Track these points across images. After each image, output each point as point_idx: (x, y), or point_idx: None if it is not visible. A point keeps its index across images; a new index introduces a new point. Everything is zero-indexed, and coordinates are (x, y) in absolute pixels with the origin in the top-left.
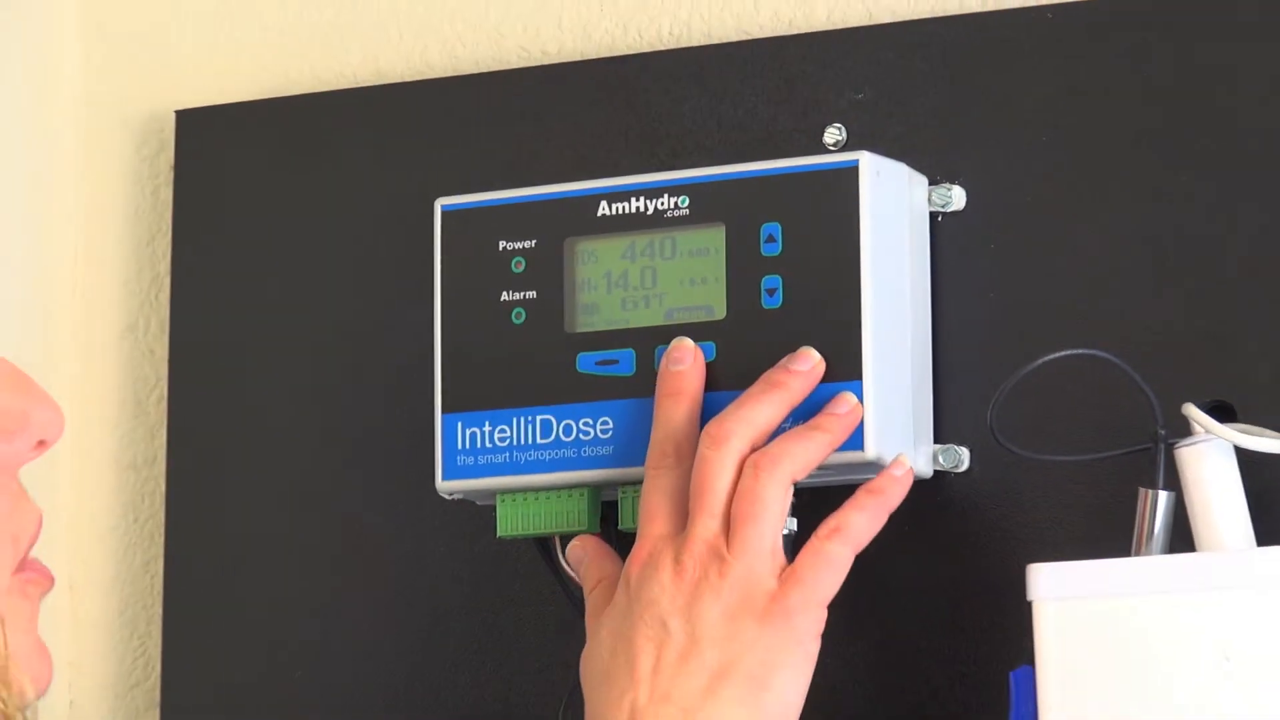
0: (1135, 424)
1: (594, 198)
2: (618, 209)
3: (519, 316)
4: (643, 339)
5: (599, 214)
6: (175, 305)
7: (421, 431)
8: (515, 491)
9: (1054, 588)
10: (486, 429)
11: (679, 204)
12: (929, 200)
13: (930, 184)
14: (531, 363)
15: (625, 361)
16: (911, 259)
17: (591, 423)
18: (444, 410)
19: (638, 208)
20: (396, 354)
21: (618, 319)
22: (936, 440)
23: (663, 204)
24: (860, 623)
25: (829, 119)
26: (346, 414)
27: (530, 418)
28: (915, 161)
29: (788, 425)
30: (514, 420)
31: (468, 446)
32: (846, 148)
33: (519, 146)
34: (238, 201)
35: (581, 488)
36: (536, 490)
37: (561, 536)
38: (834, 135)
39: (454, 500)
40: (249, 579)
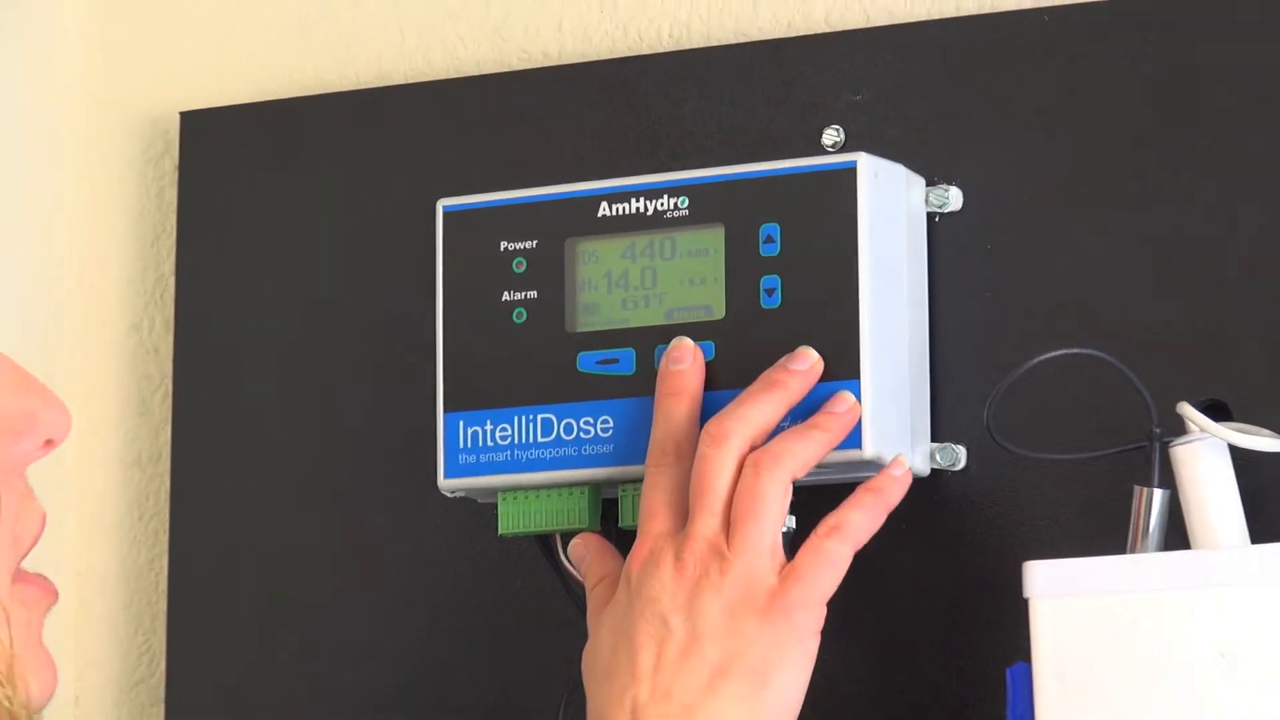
0: (1131, 423)
1: (594, 198)
2: (618, 209)
3: (520, 316)
4: (643, 338)
5: (599, 214)
6: (179, 304)
7: (423, 430)
8: (516, 489)
9: (1050, 585)
10: (488, 428)
11: (679, 205)
12: (926, 201)
13: (928, 185)
14: (532, 362)
15: (625, 361)
16: (909, 259)
17: (592, 421)
18: (446, 409)
19: (638, 208)
20: (398, 353)
21: (618, 319)
22: (934, 439)
23: (662, 205)
24: (858, 620)
25: (827, 120)
26: (349, 412)
27: (531, 416)
28: (913, 162)
29: (786, 424)
30: (515, 419)
31: (469, 445)
32: (844, 149)
33: (520, 148)
34: (241, 202)
35: (582, 486)
36: (537, 488)
37: (562, 534)
38: (832, 136)
39: (456, 498)
40: (252, 576)
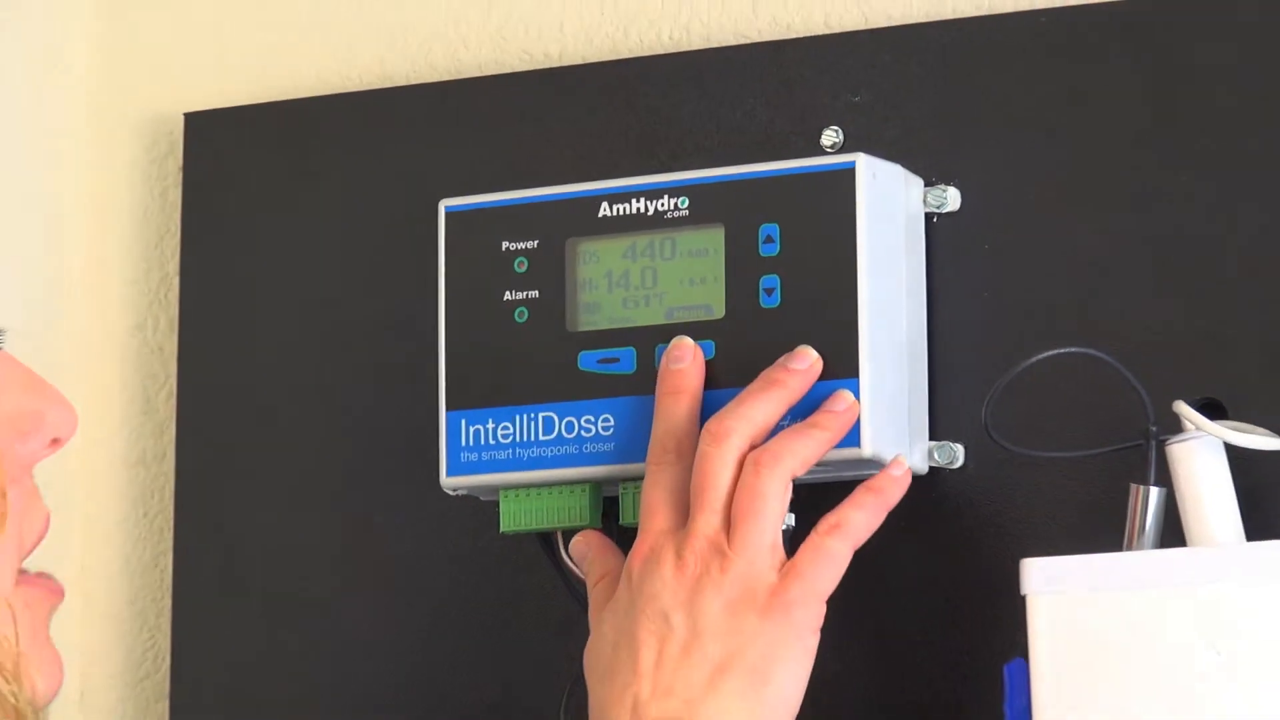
0: (1127, 421)
1: (595, 199)
2: (619, 210)
3: (522, 315)
4: (643, 338)
5: (600, 215)
6: (184, 304)
7: (426, 428)
8: (518, 487)
9: (1047, 582)
10: (490, 426)
11: (679, 205)
12: (924, 201)
13: (926, 185)
14: (534, 361)
15: (626, 360)
16: (907, 259)
17: (593, 420)
18: (448, 407)
19: (638, 209)
20: (401, 352)
21: (619, 318)
22: (932, 437)
23: (663, 205)
24: (857, 617)
25: (826, 121)
26: (352, 411)
27: (533, 415)
28: (911, 163)
29: (786, 423)
30: (517, 417)
31: (471, 443)
32: (843, 150)
33: (521, 148)
34: (245, 202)
35: (583, 483)
36: (539, 486)
37: (564, 532)
38: (831, 137)
39: (458, 496)
40: (256, 573)
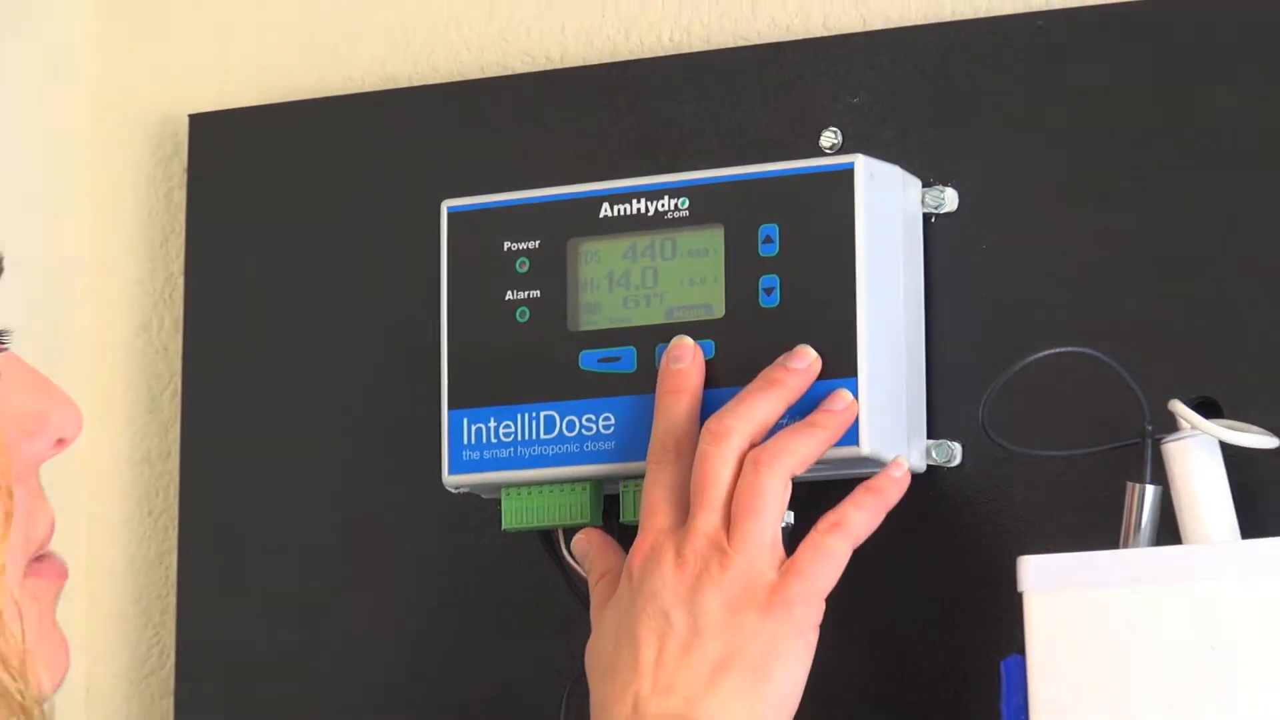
0: (1123, 420)
1: (596, 199)
2: (619, 210)
3: (523, 315)
4: (644, 337)
5: (601, 215)
6: (188, 304)
7: (428, 427)
8: (520, 485)
9: (1044, 579)
10: (492, 425)
11: (679, 205)
12: (922, 202)
13: (923, 186)
14: (535, 360)
15: (627, 359)
16: (905, 259)
17: (594, 418)
18: (450, 406)
19: (639, 209)
20: (404, 351)
21: (619, 317)
22: (929, 435)
23: (663, 205)
24: (856, 614)
25: (825, 123)
26: (355, 410)
27: (534, 413)
28: (909, 164)
29: (785, 421)
30: (518, 416)
31: (473, 442)
32: (842, 151)
33: (523, 149)
34: (249, 203)
35: (584, 481)
36: (540, 484)
37: (565, 529)
38: (830, 139)
39: (460, 494)
40: (260, 570)
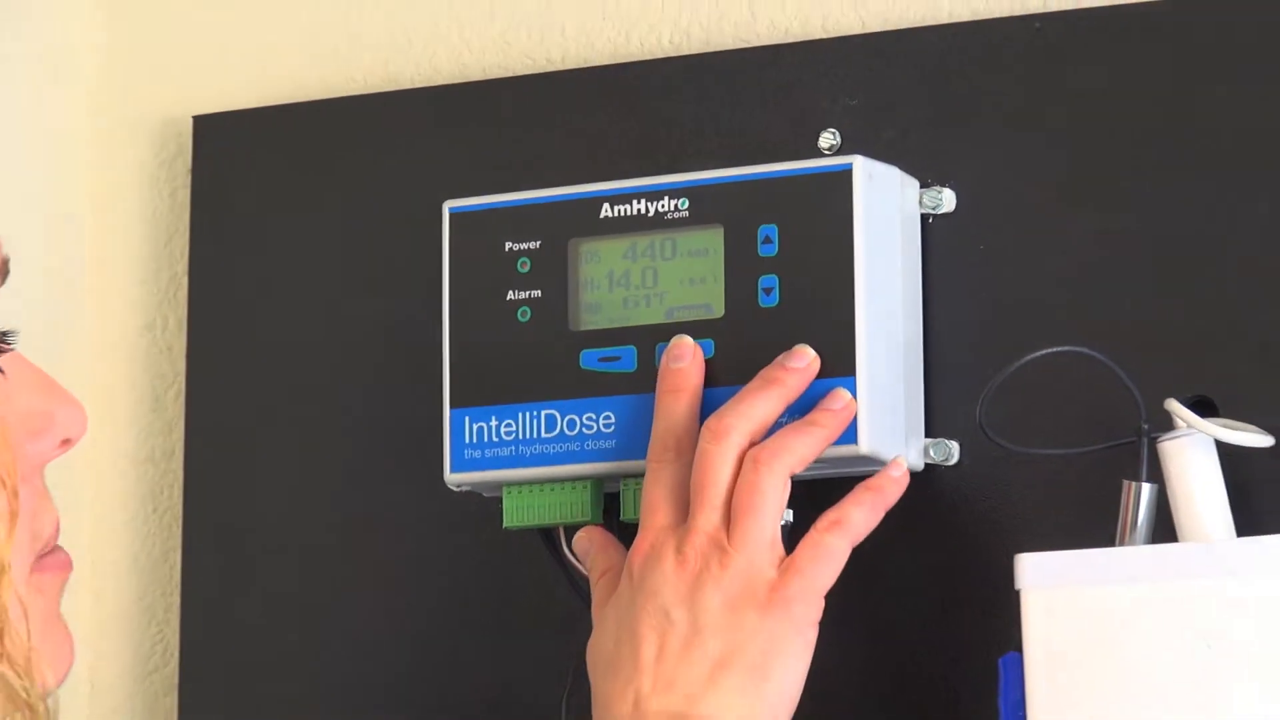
0: (1119, 418)
1: (597, 200)
2: (620, 211)
3: (524, 315)
4: (644, 336)
5: (602, 215)
6: (192, 304)
7: (430, 426)
8: (521, 484)
9: (1041, 577)
10: (493, 423)
11: (679, 206)
12: (920, 202)
13: (921, 187)
14: (536, 359)
15: (627, 358)
16: (903, 259)
17: (594, 417)
18: (452, 405)
19: (639, 209)
20: (406, 351)
21: (620, 317)
22: (927, 434)
23: (663, 206)
24: (854, 611)
25: (823, 124)
26: (357, 408)
27: (535, 412)
28: (907, 165)
29: (784, 420)
30: (520, 415)
31: (475, 440)
32: (840, 152)
33: (524, 150)
34: (253, 203)
35: (585, 480)
36: (541, 482)
37: (566, 527)
38: (828, 140)
39: (462, 492)
40: (263, 568)
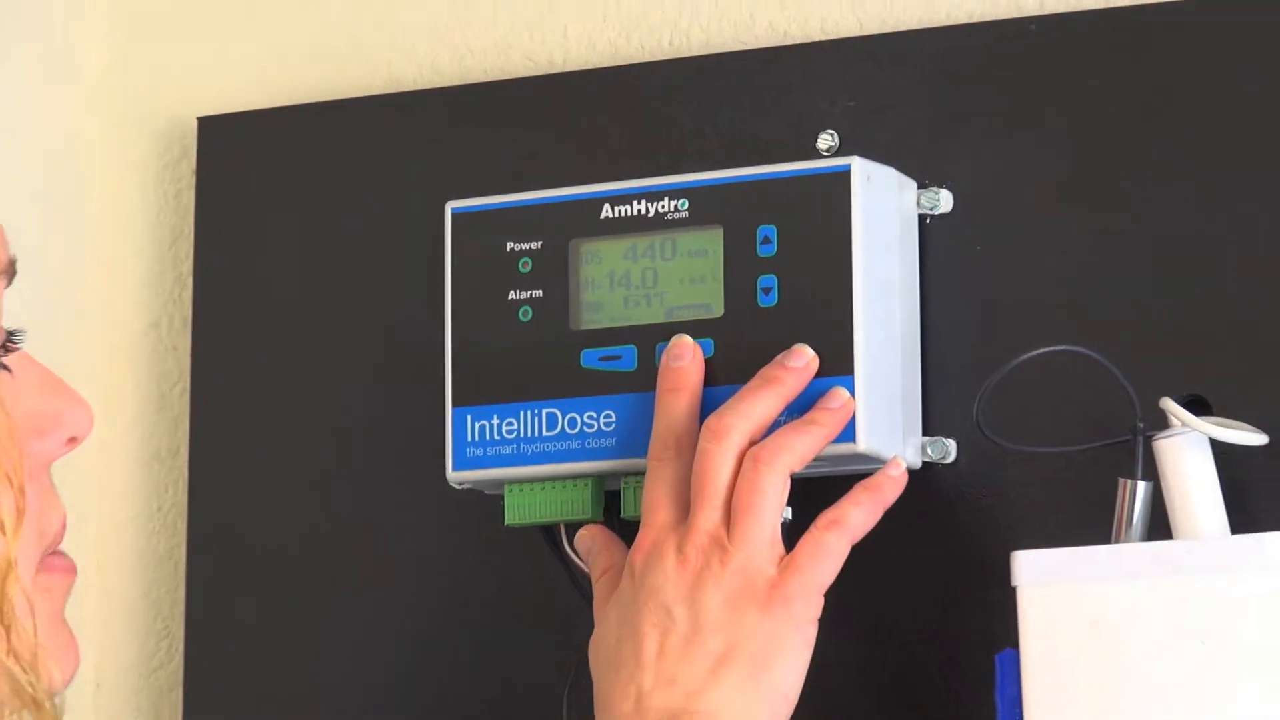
0: (1115, 417)
1: (597, 201)
2: (620, 211)
3: (526, 314)
4: (644, 336)
5: (602, 216)
6: (197, 303)
7: (433, 424)
8: (522, 481)
9: (1037, 574)
10: (495, 422)
11: (679, 207)
12: (917, 203)
13: (919, 188)
14: (538, 358)
15: (627, 357)
16: (901, 260)
17: (595, 416)
18: (454, 404)
19: (639, 210)
20: (408, 350)
21: (620, 317)
22: (925, 433)
23: (663, 207)
24: (853, 608)
25: (822, 125)
26: (360, 407)
27: (537, 411)
28: (904, 166)
29: (784, 419)
30: (521, 413)
31: (477, 438)
32: (839, 153)
33: (526, 151)
34: (256, 204)
35: (586, 478)
36: (542, 480)
37: (567, 524)
38: (827, 141)
39: (464, 490)
40: (267, 565)
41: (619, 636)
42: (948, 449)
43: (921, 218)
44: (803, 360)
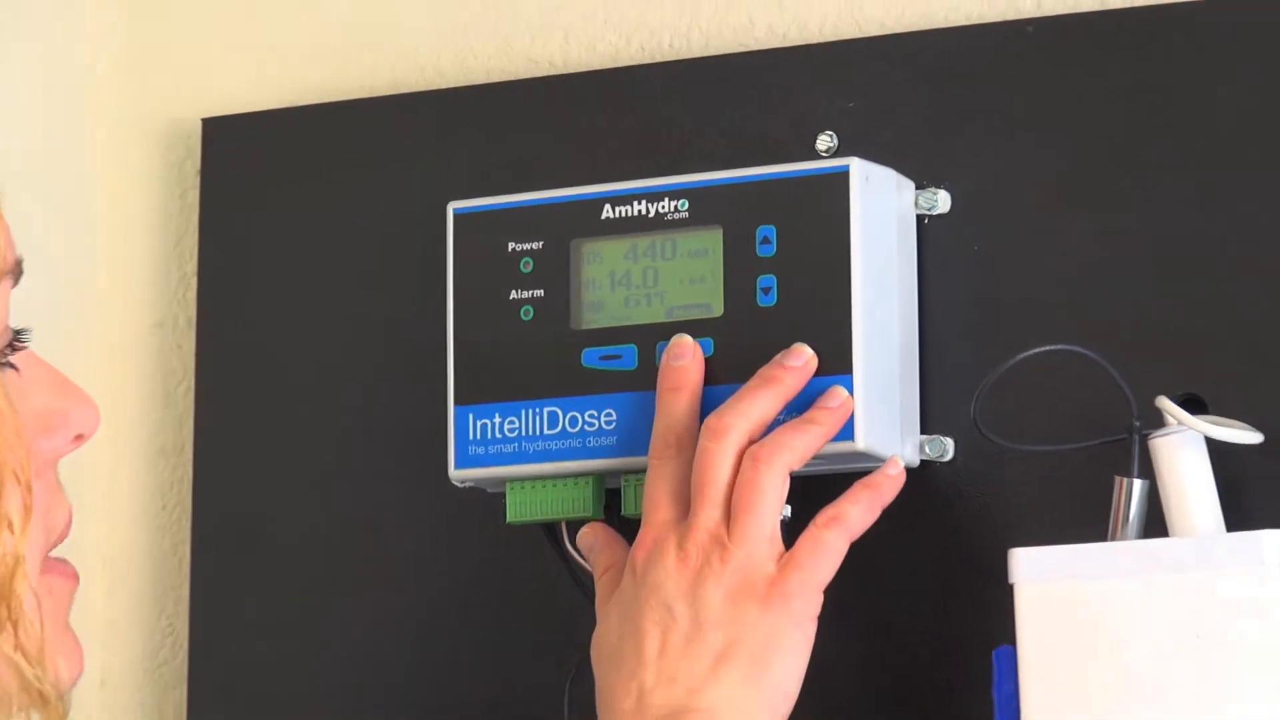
0: (1111, 416)
1: (598, 201)
2: (621, 212)
3: (527, 314)
4: (644, 335)
5: (603, 216)
6: (201, 302)
7: (435, 423)
8: (524, 479)
9: (1034, 571)
10: (496, 420)
11: (679, 207)
12: (915, 204)
13: (917, 188)
14: (539, 358)
15: (628, 356)
16: (899, 260)
17: (596, 414)
18: (456, 402)
19: (640, 210)
20: (411, 349)
21: (621, 316)
22: (923, 431)
23: (663, 207)
24: (852, 605)
25: (821, 126)
26: (363, 405)
27: (538, 409)
28: (903, 167)
29: (783, 418)
30: (523, 412)
31: (479, 437)
32: (837, 154)
33: (527, 152)
34: (261, 204)
35: (587, 476)
36: (544, 478)
37: (568, 522)
38: (825, 142)
39: (465, 488)
40: (271, 562)
41: (621, 634)
42: (946, 447)
43: (920, 218)
44: (802, 359)
